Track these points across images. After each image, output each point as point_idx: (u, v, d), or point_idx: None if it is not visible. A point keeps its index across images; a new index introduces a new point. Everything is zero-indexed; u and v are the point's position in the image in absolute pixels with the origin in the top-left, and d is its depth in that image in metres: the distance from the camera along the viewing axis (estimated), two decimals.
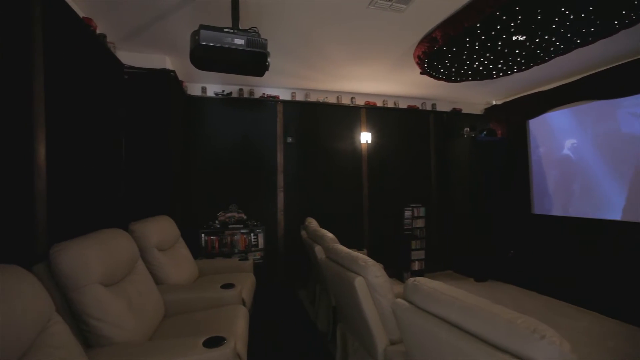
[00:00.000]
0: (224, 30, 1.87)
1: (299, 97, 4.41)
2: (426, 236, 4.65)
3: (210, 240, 3.80)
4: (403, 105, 4.90)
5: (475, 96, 4.91)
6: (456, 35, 2.59)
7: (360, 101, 4.68)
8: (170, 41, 2.89)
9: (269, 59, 2.02)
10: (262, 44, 1.94)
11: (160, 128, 3.03)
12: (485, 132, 4.73)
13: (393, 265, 4.49)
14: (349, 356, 2.07)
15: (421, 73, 3.55)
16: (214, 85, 4.08)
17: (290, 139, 4.33)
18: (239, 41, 1.88)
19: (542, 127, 4.53)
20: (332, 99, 4.56)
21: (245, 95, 4.19)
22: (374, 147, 4.71)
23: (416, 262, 4.58)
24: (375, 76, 3.98)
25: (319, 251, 2.63)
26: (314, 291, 3.43)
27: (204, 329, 1.82)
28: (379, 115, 4.78)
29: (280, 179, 4.29)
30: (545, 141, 4.51)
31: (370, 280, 1.69)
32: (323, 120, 4.51)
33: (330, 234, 2.69)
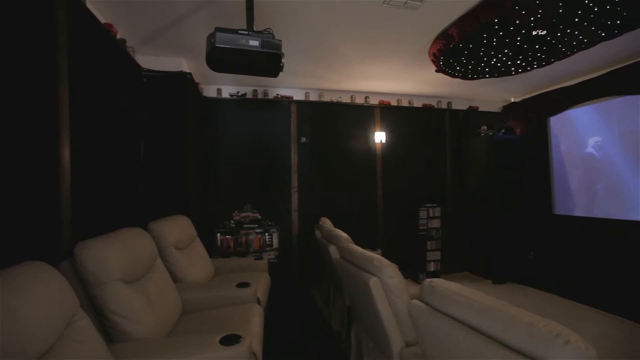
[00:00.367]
0: (239, 32, 1.89)
1: (313, 97, 4.42)
2: (442, 236, 4.57)
3: (225, 240, 3.86)
4: (418, 104, 4.84)
5: (492, 93, 4.79)
6: (473, 31, 2.54)
7: (374, 100, 4.64)
8: (187, 44, 2.95)
9: (283, 60, 2.03)
10: (277, 44, 1.95)
11: (177, 129, 3.10)
12: (503, 130, 4.60)
13: (408, 266, 4.44)
14: (363, 357, 2.06)
15: (436, 71, 3.49)
16: (228, 87, 4.14)
17: (304, 139, 4.34)
18: (254, 42, 1.90)
19: (564, 125, 4.37)
20: (346, 99, 4.55)
21: (260, 96, 4.23)
22: (388, 147, 4.67)
23: (432, 263, 4.52)
24: (390, 75, 3.94)
25: (333, 251, 2.62)
26: (328, 291, 3.43)
27: (220, 326, 1.84)
28: (393, 114, 4.73)
29: (294, 179, 4.31)
30: (567, 139, 4.35)
31: (386, 280, 1.67)
32: (337, 120, 4.50)
33: (345, 234, 2.68)
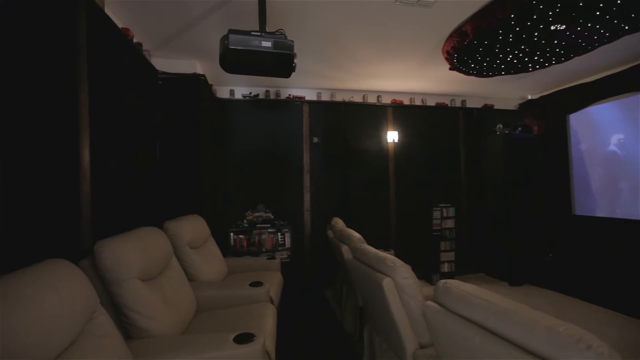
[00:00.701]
0: (252, 33, 1.91)
1: (325, 97, 4.41)
2: (456, 237, 4.50)
3: (238, 239, 3.90)
4: (431, 102, 4.77)
5: (508, 91, 4.67)
6: (488, 27, 2.48)
7: (386, 99, 4.60)
8: (200, 46, 3.00)
9: (295, 60, 2.04)
10: (289, 45, 1.96)
11: (192, 130, 3.16)
12: (520, 129, 4.48)
13: (421, 267, 4.38)
14: (376, 358, 2.04)
15: (450, 69, 3.43)
16: (241, 88, 4.18)
17: (316, 139, 4.35)
18: (267, 44, 1.91)
19: (584, 122, 4.23)
20: (358, 98, 4.52)
21: (272, 96, 4.25)
22: (400, 146, 4.62)
23: (445, 264, 4.44)
24: (402, 74, 3.89)
25: (345, 251, 2.62)
26: (340, 291, 3.42)
27: (234, 325, 1.86)
28: (406, 113, 4.68)
29: (306, 179, 4.32)
30: (587, 137, 4.20)
31: (399, 281, 1.66)
32: (349, 120, 4.49)
33: (357, 234, 2.67)
